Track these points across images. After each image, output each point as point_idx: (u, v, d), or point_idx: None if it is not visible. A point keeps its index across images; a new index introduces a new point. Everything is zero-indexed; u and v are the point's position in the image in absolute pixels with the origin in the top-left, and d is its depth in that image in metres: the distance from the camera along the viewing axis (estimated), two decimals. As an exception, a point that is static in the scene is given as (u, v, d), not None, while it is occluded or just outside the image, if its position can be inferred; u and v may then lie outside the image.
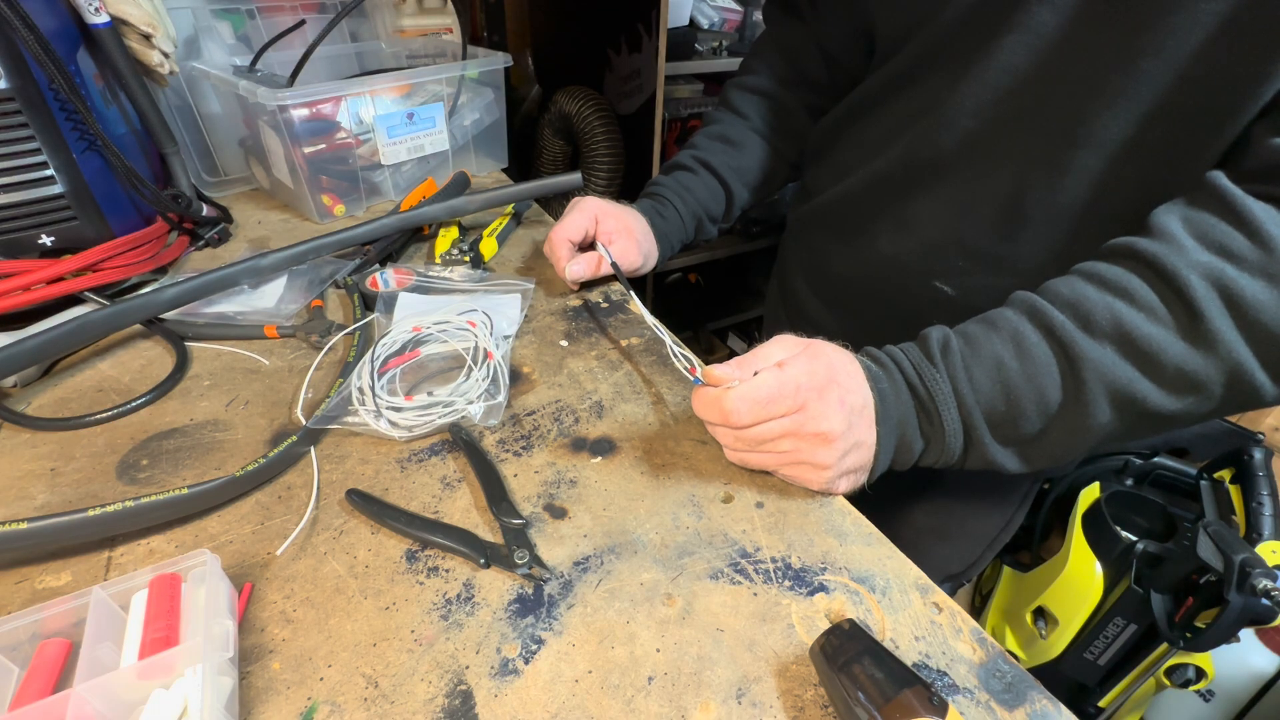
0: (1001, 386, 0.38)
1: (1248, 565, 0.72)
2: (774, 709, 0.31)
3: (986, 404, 0.39)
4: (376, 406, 0.46)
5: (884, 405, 0.40)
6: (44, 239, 0.54)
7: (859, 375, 0.40)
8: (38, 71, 0.50)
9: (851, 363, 0.41)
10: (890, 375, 0.41)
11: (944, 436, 0.40)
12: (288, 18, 0.81)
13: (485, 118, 0.88)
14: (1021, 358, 0.37)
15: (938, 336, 0.40)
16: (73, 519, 0.36)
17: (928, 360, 0.40)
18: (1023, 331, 0.38)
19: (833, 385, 0.38)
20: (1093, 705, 0.97)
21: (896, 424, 0.40)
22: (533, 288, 0.63)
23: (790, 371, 0.38)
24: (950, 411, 0.39)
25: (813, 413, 0.38)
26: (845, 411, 0.38)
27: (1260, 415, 1.16)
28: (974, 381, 0.39)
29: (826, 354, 0.40)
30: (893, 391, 0.40)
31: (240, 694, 0.31)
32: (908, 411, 0.40)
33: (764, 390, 0.38)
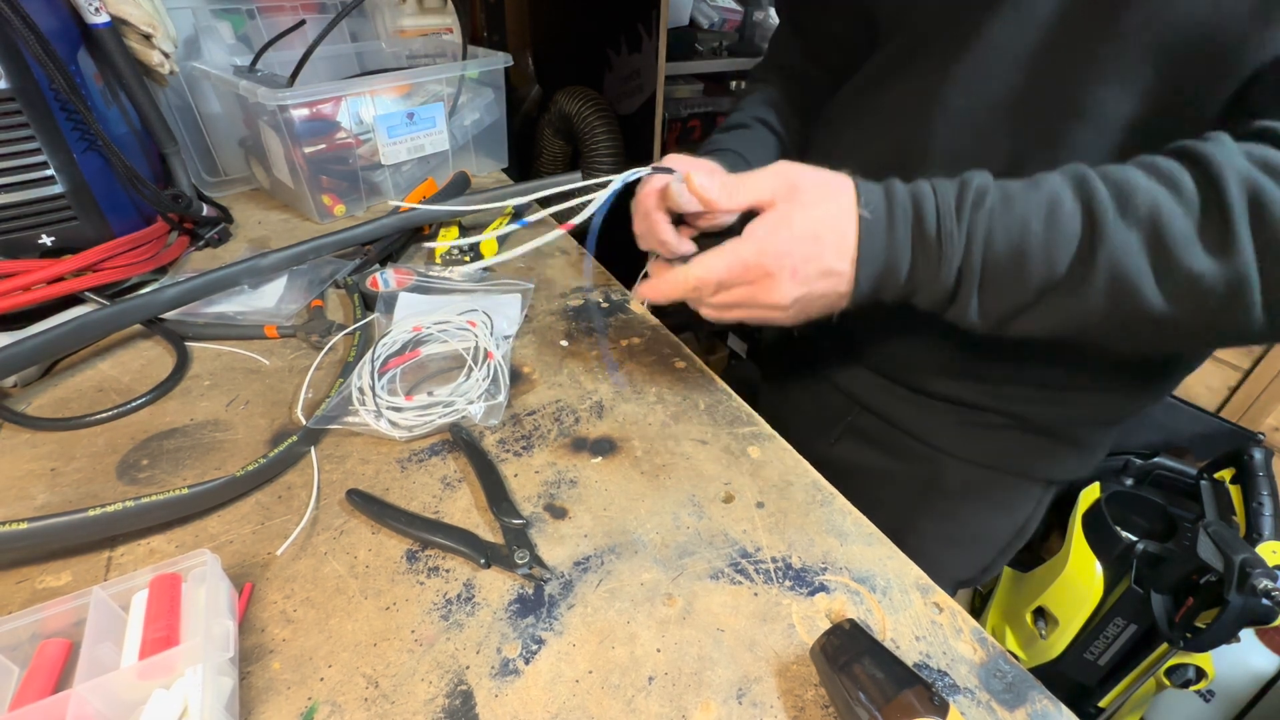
0: (1016, 254, 0.36)
1: (1248, 565, 0.73)
2: (774, 709, 0.31)
3: (993, 268, 0.37)
4: (377, 406, 0.46)
5: (870, 246, 0.38)
6: (44, 239, 0.54)
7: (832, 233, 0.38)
8: (38, 71, 0.50)
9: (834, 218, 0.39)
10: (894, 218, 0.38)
11: (932, 286, 0.39)
12: (288, 18, 0.81)
13: (485, 118, 0.88)
14: (1049, 227, 0.36)
15: (977, 185, 0.38)
16: (73, 519, 0.36)
17: (955, 211, 0.38)
18: (1062, 199, 0.36)
19: (786, 258, 0.38)
20: (1093, 705, 0.97)
21: (882, 264, 0.39)
22: (532, 288, 0.63)
23: (744, 249, 0.39)
24: (950, 267, 0.38)
25: (762, 288, 0.39)
26: (798, 280, 0.39)
27: (1260, 415, 1.17)
28: (991, 244, 0.37)
29: (792, 219, 0.39)
30: (887, 234, 0.38)
31: (240, 694, 0.31)
32: (900, 256, 0.39)
33: (716, 274, 0.40)
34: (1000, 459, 0.56)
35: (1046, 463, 0.56)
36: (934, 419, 0.56)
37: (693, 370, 0.55)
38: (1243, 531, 0.85)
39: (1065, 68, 0.40)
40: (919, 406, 0.56)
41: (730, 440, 0.48)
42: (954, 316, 0.40)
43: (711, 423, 0.49)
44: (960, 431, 0.55)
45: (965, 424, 0.55)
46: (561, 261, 0.71)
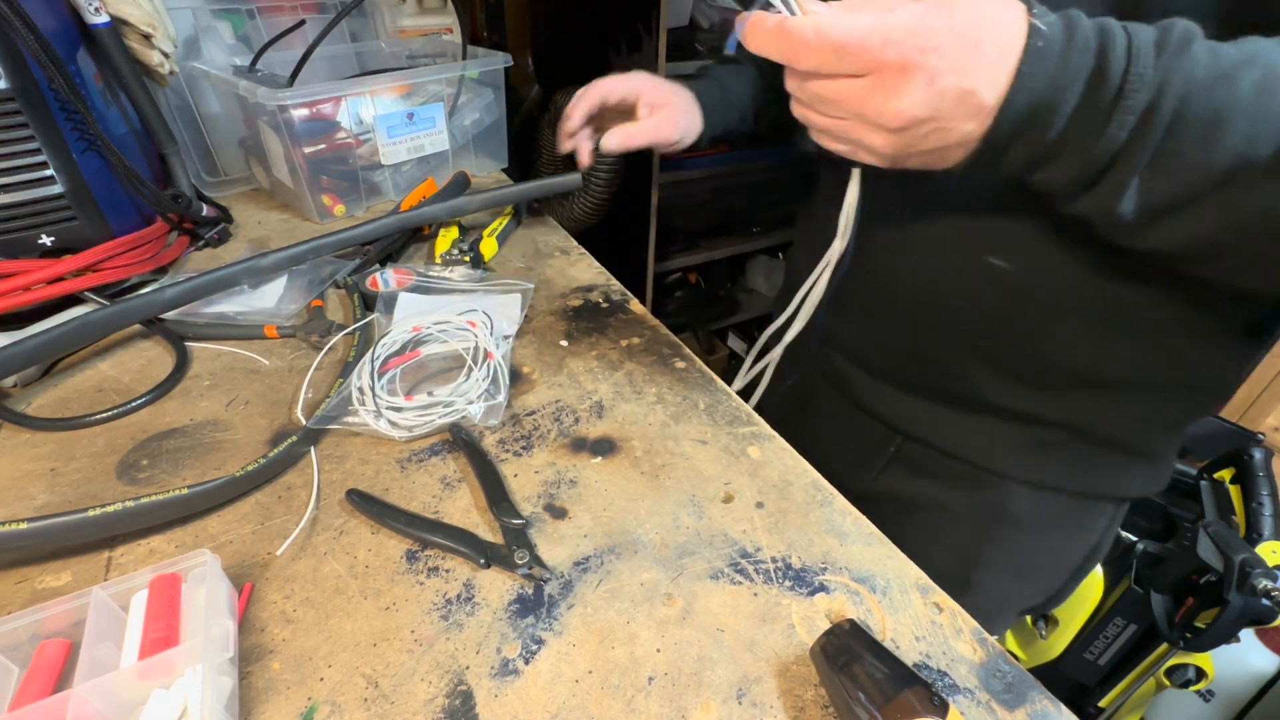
0: (1212, 123, 0.28)
1: (1248, 565, 0.73)
2: (774, 709, 0.31)
3: (1180, 134, 0.29)
4: (376, 406, 0.46)
5: (1034, 70, 0.29)
6: (44, 239, 0.54)
7: (995, 43, 0.29)
8: (38, 71, 0.50)
9: (1000, 24, 0.29)
10: (1071, 44, 0.29)
11: (1091, 145, 0.30)
12: (288, 18, 0.81)
13: (485, 118, 0.88)
14: (1262, 90, 0.27)
15: (1183, 27, 0.29)
16: (73, 519, 0.36)
17: (1153, 50, 0.29)
18: (1274, 55, 0.28)
19: (934, 54, 0.29)
20: (1093, 705, 0.97)
21: (1039, 98, 0.30)
22: (533, 288, 0.63)
23: (892, 21, 0.29)
24: (1126, 121, 0.29)
25: (883, 86, 0.30)
26: (931, 93, 0.30)
27: (1260, 415, 1.17)
28: (1187, 101, 0.28)
29: (955, 7, 0.29)
30: (1060, 58, 0.29)
31: (240, 694, 0.31)
32: (1066, 91, 0.29)
33: (842, 33, 0.30)
34: (1067, 479, 0.51)
35: (1115, 479, 0.51)
36: (989, 440, 0.50)
37: (693, 370, 0.55)
38: (1243, 531, 0.85)
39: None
40: (971, 428, 0.50)
41: (730, 440, 0.48)
42: (1092, 203, 0.32)
43: (711, 423, 0.49)
44: (1021, 453, 0.50)
45: (1025, 444, 0.49)
46: (561, 261, 0.71)
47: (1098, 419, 0.46)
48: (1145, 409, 0.46)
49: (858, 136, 0.33)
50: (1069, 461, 0.49)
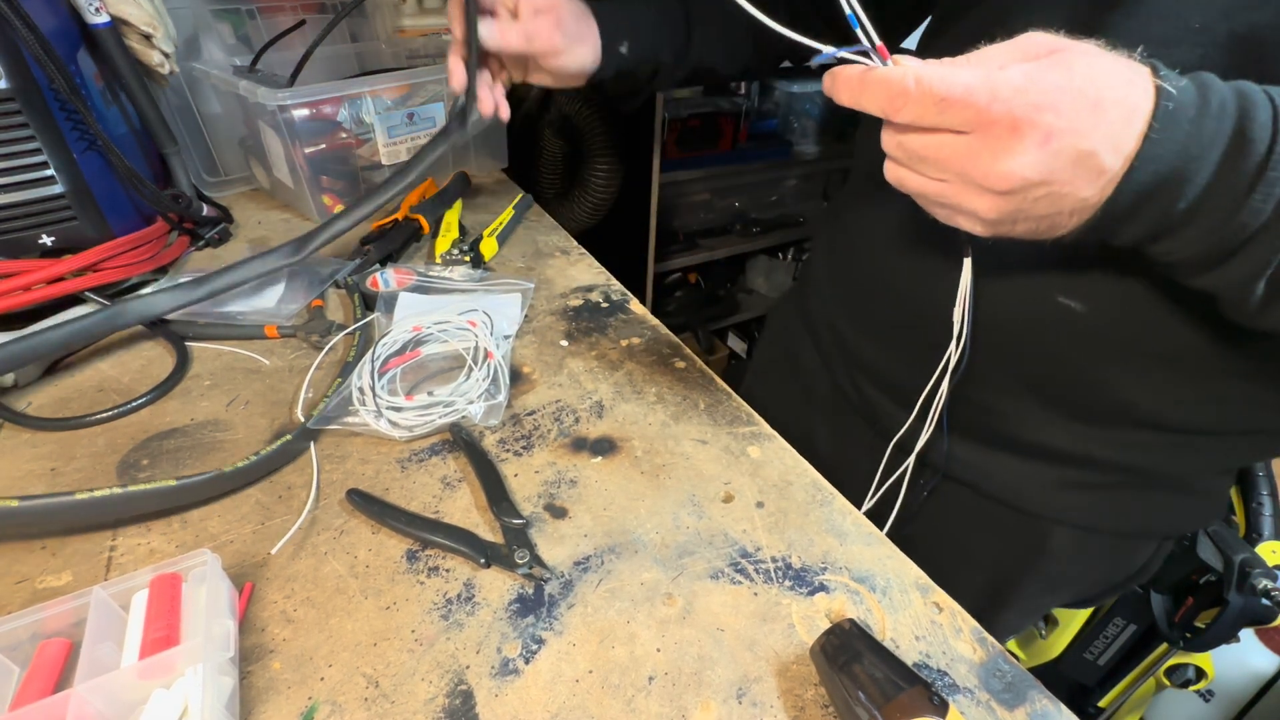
0: None
1: (1247, 565, 0.73)
2: (774, 709, 0.31)
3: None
4: (377, 406, 0.46)
5: (1165, 135, 0.26)
6: (44, 239, 0.54)
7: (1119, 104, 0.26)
8: (38, 71, 0.50)
9: (1122, 84, 0.27)
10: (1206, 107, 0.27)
11: (1228, 219, 0.27)
12: (288, 18, 0.81)
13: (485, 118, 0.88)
14: None
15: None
16: (60, 501, 0.36)
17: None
18: None
19: (1049, 112, 0.26)
20: (1093, 705, 0.97)
21: (1171, 166, 0.27)
22: (532, 287, 0.63)
23: (999, 77, 0.27)
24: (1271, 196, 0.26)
25: (991, 144, 0.27)
26: (1045, 154, 0.27)
27: (1260, 415, 1.16)
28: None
29: (1073, 65, 0.27)
30: (1193, 123, 0.26)
31: (241, 694, 0.31)
32: (1200, 160, 0.27)
33: (946, 85, 0.27)
34: (1115, 521, 0.48)
35: (1168, 517, 0.48)
36: (1031, 481, 0.47)
37: (693, 370, 0.55)
38: (1242, 531, 0.84)
39: None
40: (1011, 468, 0.47)
41: (730, 440, 0.48)
42: (1219, 280, 0.29)
43: (711, 423, 0.49)
44: (1064, 495, 0.47)
45: (1070, 486, 0.46)
46: (561, 261, 0.71)
47: (1157, 461, 0.44)
48: (1210, 452, 0.44)
49: (959, 200, 0.30)
50: (1119, 502, 0.47)
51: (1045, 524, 0.49)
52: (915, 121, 0.29)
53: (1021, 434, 0.45)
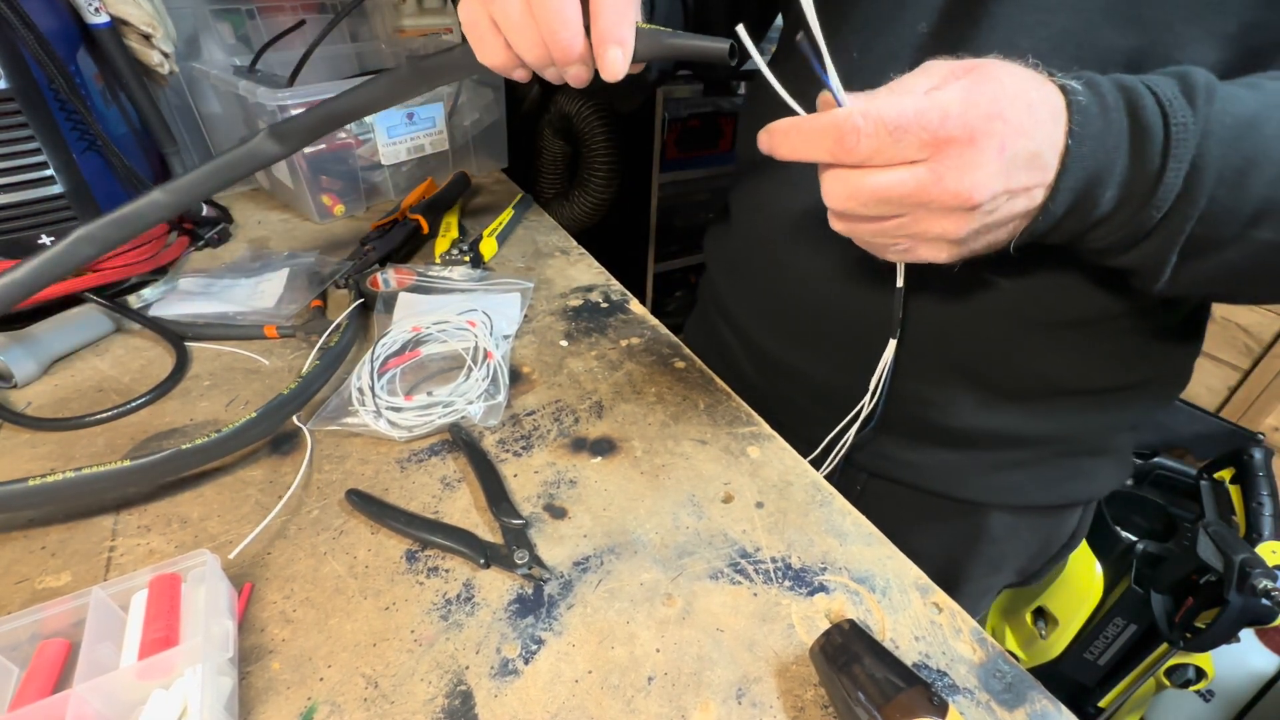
0: (1241, 167, 0.28)
1: (1248, 565, 0.73)
2: (774, 709, 0.31)
3: (1223, 181, 0.28)
4: (376, 406, 0.46)
5: (1084, 133, 0.28)
6: (44, 239, 0.54)
7: (1045, 105, 0.28)
8: (38, 71, 0.50)
9: (1039, 86, 0.28)
10: (1104, 102, 0.28)
11: (1144, 204, 0.29)
12: (287, 18, 0.81)
13: (485, 118, 0.88)
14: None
15: (1204, 77, 0.28)
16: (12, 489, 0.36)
17: (1184, 98, 0.28)
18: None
19: (999, 120, 0.27)
20: (1093, 705, 0.97)
21: (1093, 165, 0.28)
22: (532, 287, 0.63)
23: (942, 97, 0.27)
24: (1177, 173, 0.28)
25: (955, 160, 0.27)
26: (1004, 161, 0.27)
27: (1260, 415, 1.17)
28: (1228, 147, 0.28)
29: (999, 76, 0.28)
30: (1100, 118, 0.28)
31: (240, 694, 0.31)
32: (1113, 153, 0.28)
33: (893, 112, 0.27)
34: (1044, 495, 0.51)
35: (1088, 483, 0.52)
36: (965, 470, 0.49)
37: (693, 370, 0.55)
38: (1242, 531, 0.85)
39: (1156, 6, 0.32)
40: (947, 459, 0.49)
41: (730, 440, 0.48)
42: (1139, 257, 0.31)
43: (711, 423, 0.49)
44: (997, 477, 0.49)
45: (1002, 467, 0.49)
46: (561, 261, 0.71)
47: (1075, 426, 0.47)
48: (1118, 409, 0.47)
49: (922, 229, 0.30)
50: (1045, 476, 0.50)
51: (983, 509, 0.52)
52: (870, 159, 0.28)
53: (953, 423, 0.47)
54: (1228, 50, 0.32)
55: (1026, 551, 0.57)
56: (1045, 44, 0.34)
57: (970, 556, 0.54)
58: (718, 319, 0.61)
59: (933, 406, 0.47)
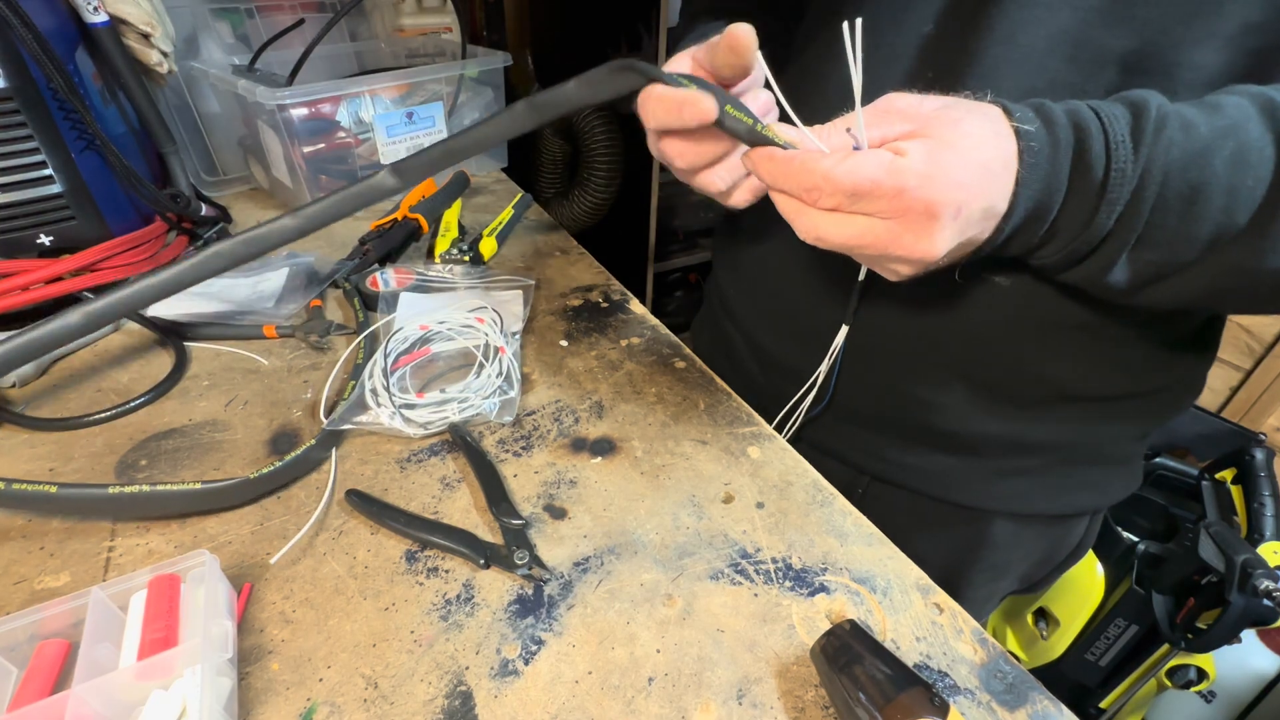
0: (1190, 199, 0.29)
1: (1249, 566, 0.72)
2: (775, 710, 0.31)
3: (1161, 217, 0.30)
4: (392, 404, 0.46)
5: (1032, 178, 0.30)
6: (42, 239, 0.54)
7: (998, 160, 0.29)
8: (36, 71, 0.50)
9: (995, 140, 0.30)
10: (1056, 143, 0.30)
11: (1077, 236, 0.31)
12: (287, 17, 0.81)
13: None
14: (1234, 165, 0.28)
15: (1158, 109, 0.29)
16: (95, 493, 0.37)
17: (1130, 140, 0.29)
18: (1249, 128, 0.29)
19: (959, 190, 0.28)
20: (1094, 706, 0.97)
21: (1034, 203, 0.31)
22: (534, 284, 0.62)
23: (904, 165, 0.28)
24: (1111, 213, 0.30)
25: (913, 226, 0.29)
26: (959, 223, 0.29)
27: (1261, 415, 1.16)
28: (1167, 186, 0.29)
29: (956, 143, 0.29)
30: (1050, 162, 0.30)
31: (239, 695, 0.31)
32: (1054, 193, 0.30)
33: (854, 179, 0.28)
34: (1049, 503, 0.50)
35: (1095, 492, 0.50)
36: (970, 475, 0.49)
37: (693, 370, 0.54)
38: (1244, 532, 0.84)
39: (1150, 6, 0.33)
40: (950, 464, 0.48)
41: (730, 440, 0.47)
42: (1082, 274, 0.33)
43: (711, 423, 0.49)
44: (1001, 484, 0.49)
45: (1005, 474, 0.48)
46: (561, 261, 0.71)
47: (1082, 435, 0.46)
48: (1126, 418, 0.46)
49: (880, 266, 0.33)
50: (1051, 484, 0.49)
51: (985, 516, 0.51)
52: (834, 208, 0.30)
53: (954, 427, 0.46)
54: (1229, 52, 0.32)
55: (1030, 559, 0.56)
56: (1043, 42, 0.34)
57: (972, 563, 0.53)
58: (723, 316, 0.62)
59: (932, 410, 0.46)
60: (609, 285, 0.66)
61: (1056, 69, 0.34)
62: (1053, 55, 0.34)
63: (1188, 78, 0.33)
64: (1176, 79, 0.33)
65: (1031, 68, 0.35)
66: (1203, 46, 0.32)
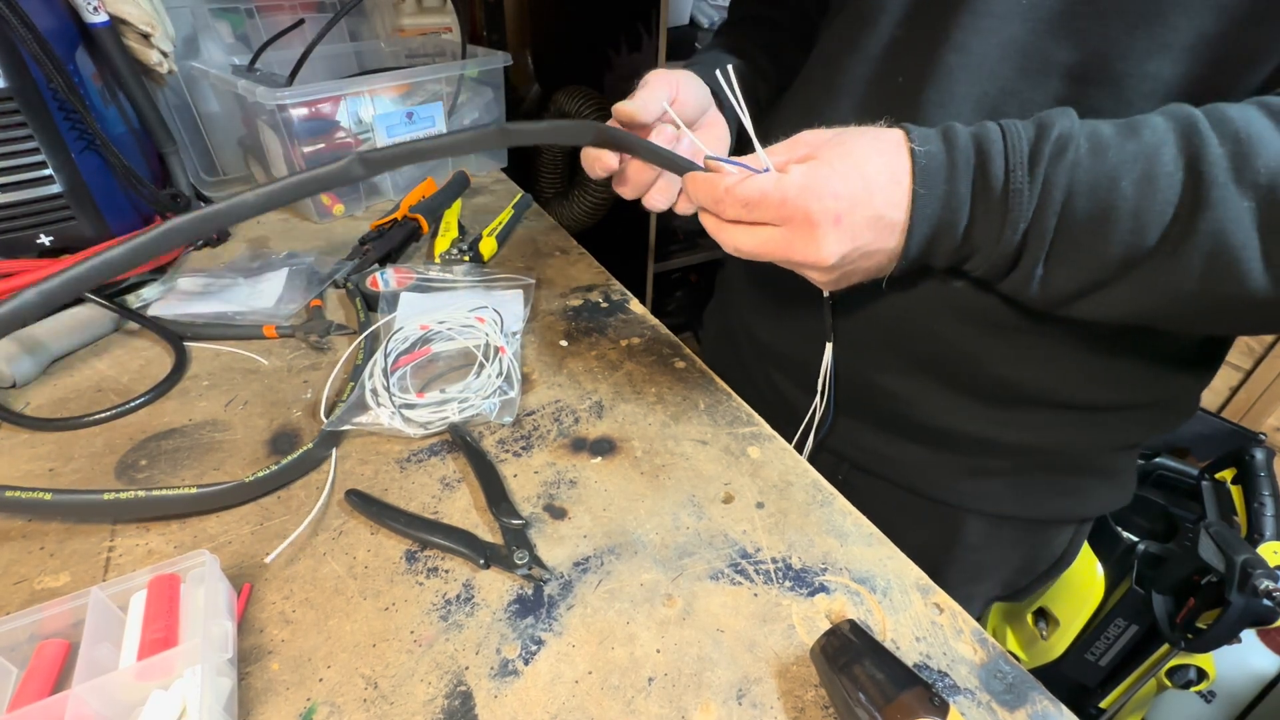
0: (1098, 220, 0.31)
1: (1249, 566, 0.72)
2: (774, 710, 0.31)
3: (1067, 235, 0.31)
4: (392, 404, 0.46)
5: (926, 192, 0.33)
6: (42, 238, 0.54)
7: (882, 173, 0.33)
8: (36, 71, 0.50)
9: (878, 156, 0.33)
10: (954, 163, 0.33)
11: (992, 249, 0.33)
12: (286, 17, 0.81)
13: (485, 117, 0.88)
14: (1143, 188, 0.30)
15: (1060, 130, 0.31)
16: (90, 499, 0.37)
17: (1028, 160, 0.31)
18: (1161, 153, 0.29)
19: (830, 199, 0.32)
20: (1094, 706, 0.96)
21: (937, 219, 0.33)
22: (534, 283, 0.62)
23: (785, 179, 0.33)
24: (1015, 229, 0.32)
25: (800, 237, 0.33)
26: (842, 229, 0.33)
27: (1262, 415, 1.16)
28: (1070, 205, 0.31)
29: (832, 161, 0.33)
30: (945, 181, 0.33)
31: (239, 695, 0.31)
32: (958, 210, 0.33)
33: (744, 191, 0.33)
34: (1025, 507, 0.50)
35: (1076, 501, 0.50)
36: (942, 470, 0.49)
37: (693, 370, 0.54)
38: (1244, 532, 0.84)
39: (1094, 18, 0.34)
40: (922, 457, 0.49)
41: (730, 440, 0.47)
42: (1011, 288, 0.35)
43: (711, 423, 0.49)
44: (973, 483, 0.49)
45: (979, 473, 0.48)
46: (561, 261, 0.71)
47: (1058, 440, 0.46)
48: (1112, 429, 0.46)
49: (794, 270, 0.36)
50: (1027, 488, 0.49)
51: (958, 513, 0.51)
52: (737, 218, 0.35)
53: (926, 420, 0.47)
54: (1186, 63, 0.33)
55: (1008, 565, 0.56)
56: (995, 50, 0.36)
57: (946, 561, 0.53)
58: (729, 304, 0.63)
59: (905, 401, 0.47)
60: (609, 285, 0.66)
61: (1007, 78, 0.36)
62: (1004, 64, 0.36)
63: (1142, 88, 0.34)
64: (1128, 89, 0.34)
65: (984, 76, 0.36)
66: (1156, 58, 0.33)
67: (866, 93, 0.41)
